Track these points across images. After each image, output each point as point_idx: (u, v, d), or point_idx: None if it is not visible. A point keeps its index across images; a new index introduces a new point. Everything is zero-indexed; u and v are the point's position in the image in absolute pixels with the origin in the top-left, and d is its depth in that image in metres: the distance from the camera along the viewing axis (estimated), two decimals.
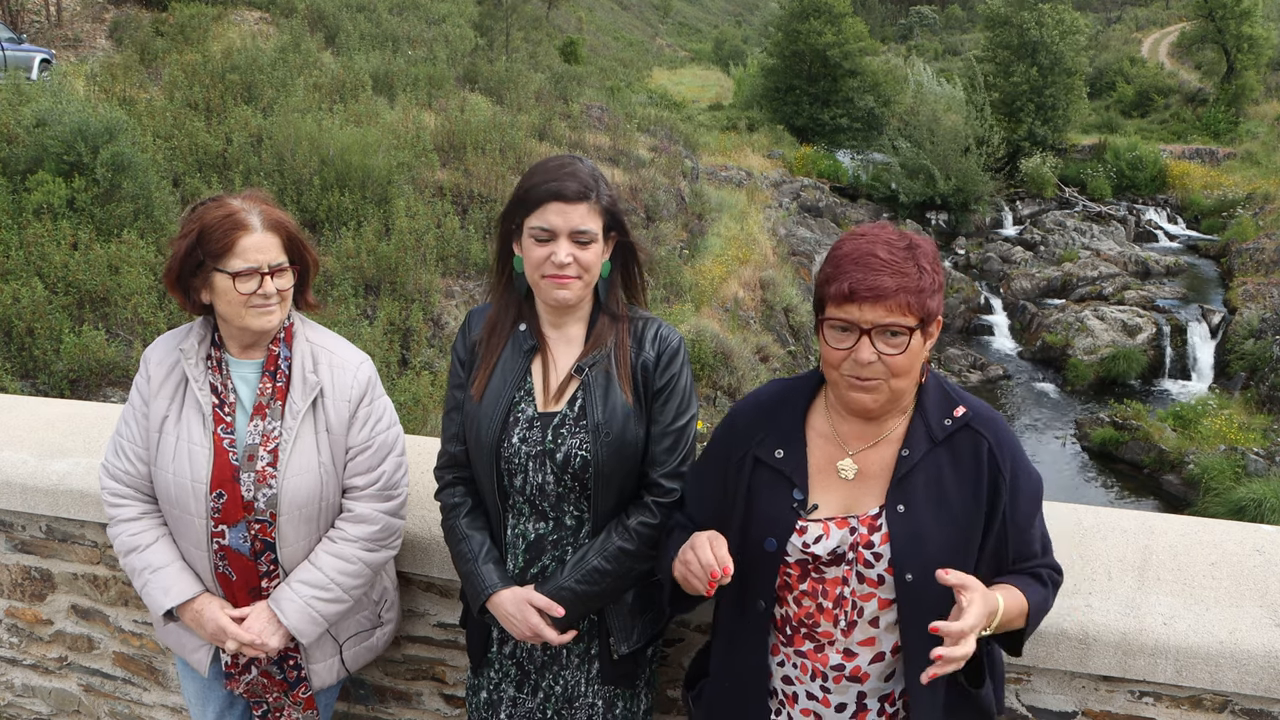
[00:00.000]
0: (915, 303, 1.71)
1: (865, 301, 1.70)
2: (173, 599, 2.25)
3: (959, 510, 1.78)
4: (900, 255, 1.73)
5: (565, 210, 2.03)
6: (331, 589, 2.26)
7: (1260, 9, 35.73)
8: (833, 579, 1.82)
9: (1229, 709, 2.13)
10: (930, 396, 1.85)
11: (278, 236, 2.18)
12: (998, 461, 1.80)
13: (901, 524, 1.77)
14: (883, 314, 1.70)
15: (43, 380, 10.58)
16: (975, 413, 1.85)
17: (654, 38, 67.97)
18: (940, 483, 1.79)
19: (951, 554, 1.76)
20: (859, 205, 29.97)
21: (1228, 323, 20.75)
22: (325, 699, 2.50)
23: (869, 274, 1.71)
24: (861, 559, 1.79)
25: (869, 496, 1.82)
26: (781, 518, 1.83)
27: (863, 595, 1.81)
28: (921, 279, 1.72)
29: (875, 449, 1.84)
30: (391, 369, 12.37)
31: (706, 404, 14.78)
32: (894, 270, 1.71)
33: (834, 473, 1.85)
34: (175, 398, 2.27)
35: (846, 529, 1.80)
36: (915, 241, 1.78)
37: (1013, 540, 1.82)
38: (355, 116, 18.21)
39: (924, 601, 1.75)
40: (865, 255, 1.73)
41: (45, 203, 12.29)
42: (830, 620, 1.83)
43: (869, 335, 1.72)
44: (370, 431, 2.29)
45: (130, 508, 2.32)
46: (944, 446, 1.81)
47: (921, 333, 1.74)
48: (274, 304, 2.19)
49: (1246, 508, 13.67)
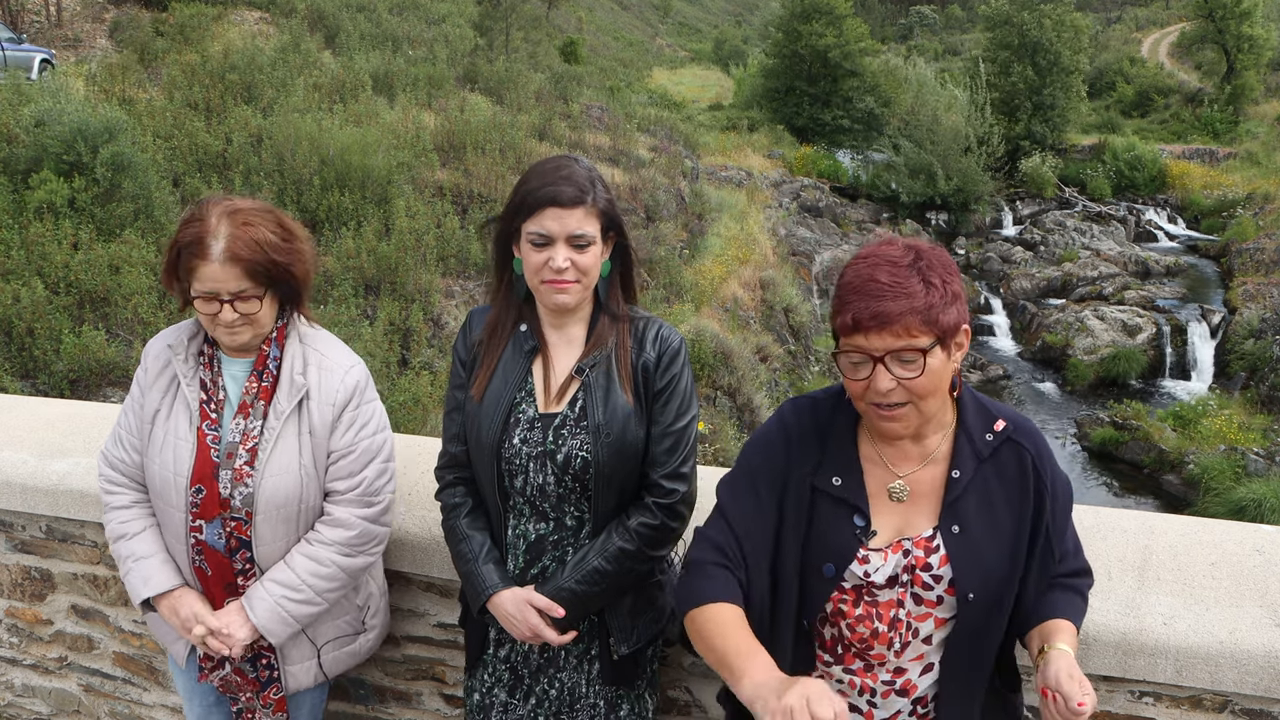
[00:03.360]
0: (925, 321, 1.65)
1: (871, 330, 1.66)
2: (151, 589, 2.28)
3: (1009, 525, 1.78)
4: (904, 274, 1.67)
5: (561, 215, 2.02)
6: (303, 590, 2.26)
7: (1260, 9, 35.75)
8: (886, 602, 1.80)
9: (1229, 709, 2.13)
10: (969, 411, 1.83)
11: (237, 267, 2.12)
12: (1040, 473, 1.80)
13: (959, 545, 1.77)
14: (891, 340, 1.66)
15: (43, 380, 10.58)
16: (1014, 424, 1.83)
17: (654, 38, 67.97)
18: (990, 499, 1.79)
19: (1007, 567, 1.77)
20: (859, 205, 29.95)
21: (1228, 323, 20.76)
22: (309, 701, 2.50)
23: (871, 301, 1.66)
24: (919, 581, 1.78)
25: (920, 518, 1.81)
26: (843, 544, 1.80)
27: (919, 616, 1.80)
28: (930, 295, 1.66)
29: (924, 469, 1.82)
30: (391, 369, 12.36)
31: (706, 404, 14.78)
32: (897, 293, 1.66)
33: (885, 496, 1.83)
34: (168, 392, 2.29)
35: (900, 553, 1.79)
36: (922, 254, 1.71)
37: (1055, 544, 1.83)
38: (355, 116, 18.21)
39: (979, 616, 1.78)
40: (866, 282, 1.68)
41: (46, 202, 12.29)
42: (884, 643, 1.81)
43: (882, 362, 1.67)
44: (354, 436, 2.29)
45: (123, 496, 2.35)
46: (990, 462, 1.80)
47: (942, 348, 1.69)
48: (239, 326, 2.19)
49: (1246, 508, 13.68)
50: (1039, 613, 1.83)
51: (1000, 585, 1.78)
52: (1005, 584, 1.78)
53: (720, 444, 13.73)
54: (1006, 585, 1.78)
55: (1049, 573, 1.84)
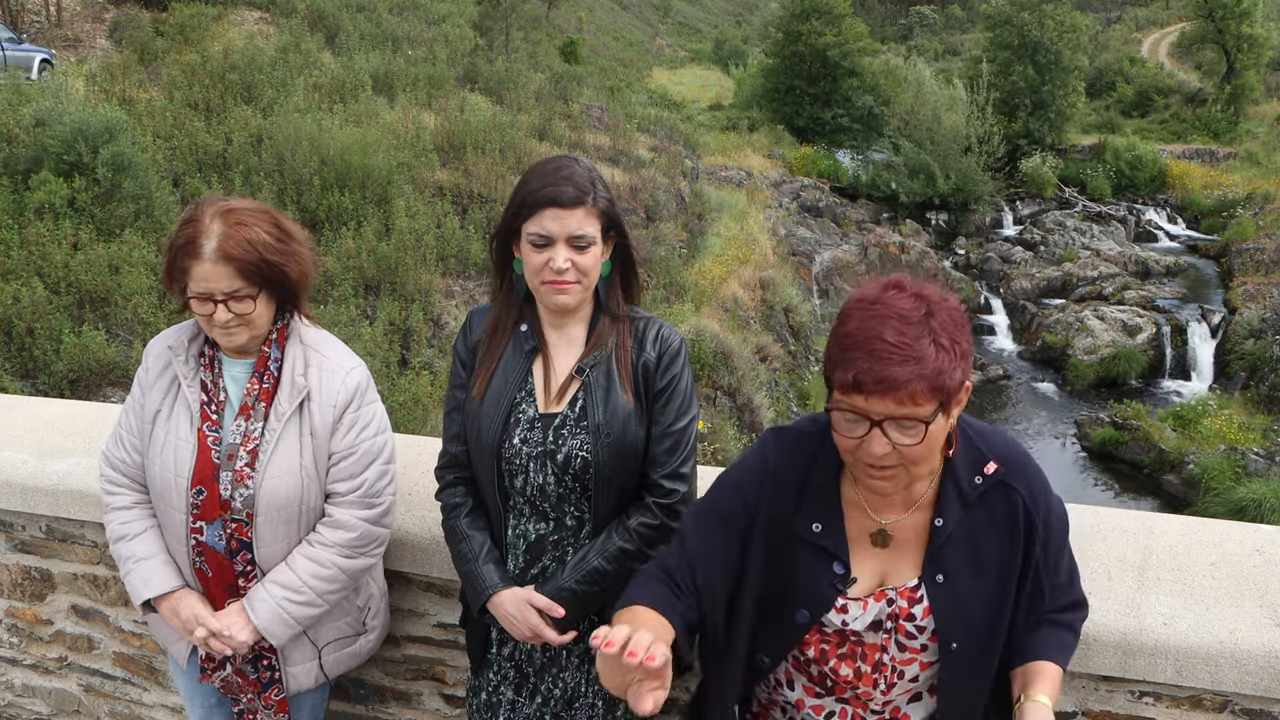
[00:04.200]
0: (931, 388, 1.53)
1: (873, 395, 1.53)
2: (151, 590, 2.28)
3: (996, 570, 1.73)
4: (913, 334, 1.54)
5: (562, 216, 2.02)
6: (304, 592, 2.26)
7: (1260, 9, 35.75)
8: (871, 644, 1.77)
9: (1229, 709, 2.14)
10: (959, 453, 1.73)
11: (229, 267, 2.12)
12: (1031, 515, 1.73)
13: (942, 594, 1.72)
14: (893, 406, 1.53)
15: (43, 380, 10.58)
16: (1005, 465, 1.75)
17: (654, 38, 67.97)
18: (975, 546, 1.73)
19: (992, 613, 1.74)
20: (859, 205, 29.95)
21: (1228, 323, 20.76)
22: (309, 702, 2.50)
23: (876, 363, 1.53)
24: (902, 630, 1.75)
25: (904, 566, 1.75)
26: (819, 592, 1.74)
27: (903, 661, 1.78)
28: (939, 359, 1.53)
29: (909, 516, 1.75)
30: (391, 369, 12.36)
31: (706, 404, 14.77)
32: (905, 357, 1.52)
33: (867, 541, 1.77)
34: (169, 393, 2.29)
35: (884, 601, 1.75)
36: (933, 308, 1.58)
37: (1046, 581, 1.78)
38: (355, 116, 18.20)
39: (964, 663, 1.75)
40: (872, 339, 1.54)
41: (46, 202, 12.29)
42: (870, 684, 1.79)
43: (880, 427, 1.56)
44: (355, 438, 2.29)
45: (124, 496, 2.35)
46: (978, 507, 1.72)
47: (944, 412, 1.57)
48: (234, 327, 2.18)
49: (1246, 508, 13.68)
50: (1024, 651, 1.79)
51: (987, 631, 1.74)
52: (992, 630, 1.74)
53: (720, 444, 13.72)
54: (994, 631, 1.75)
55: (1038, 610, 1.80)
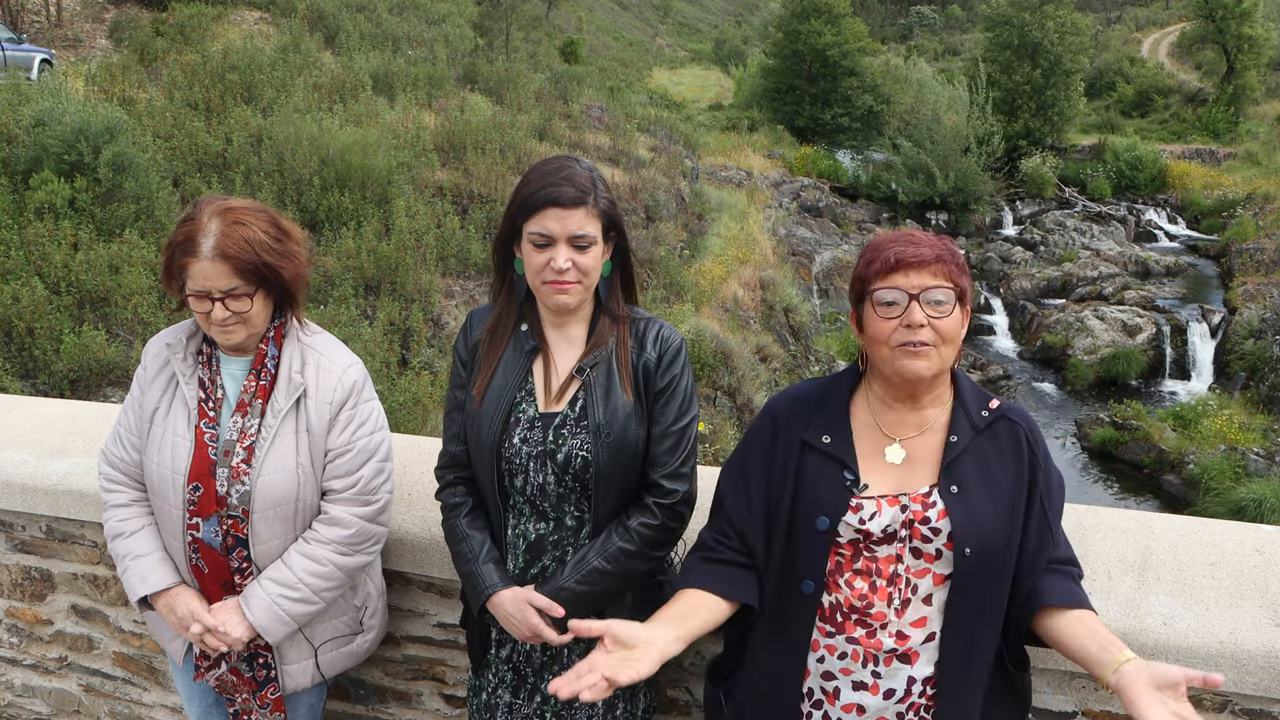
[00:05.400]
0: (951, 276, 1.83)
1: (911, 268, 1.82)
2: (148, 587, 2.28)
3: (1006, 490, 1.87)
4: (930, 237, 1.89)
5: (563, 216, 2.03)
6: (300, 589, 2.26)
7: (1260, 9, 35.75)
8: (885, 557, 1.86)
9: (1229, 709, 2.14)
10: (965, 388, 1.95)
11: (226, 265, 2.13)
12: (1034, 448, 1.91)
13: (956, 502, 1.84)
14: (928, 278, 1.82)
15: (43, 380, 10.58)
16: (1008, 405, 1.96)
17: (654, 38, 67.97)
18: (987, 465, 1.88)
19: (1004, 528, 1.84)
20: (859, 205, 29.97)
21: (1228, 323, 20.75)
22: (306, 702, 2.50)
23: (910, 245, 1.85)
24: (918, 534, 1.85)
25: (919, 478, 1.89)
26: (834, 497, 1.88)
27: (917, 571, 1.85)
28: (955, 256, 1.86)
29: (921, 437, 1.91)
30: (391, 369, 12.36)
31: (706, 404, 14.77)
32: (932, 243, 1.86)
33: (881, 457, 1.91)
34: (167, 390, 2.30)
35: (898, 507, 1.86)
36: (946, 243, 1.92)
37: (1053, 522, 1.90)
38: (355, 116, 18.20)
39: (977, 575, 1.83)
40: (901, 235, 1.89)
41: (46, 203, 12.29)
42: (884, 599, 1.85)
43: (917, 300, 1.81)
44: (351, 435, 2.29)
45: (122, 494, 2.36)
46: (986, 434, 1.91)
47: (960, 307, 1.85)
48: (232, 325, 2.19)
49: (1246, 508, 13.68)
50: (1043, 592, 1.86)
51: (998, 544, 1.83)
52: (1003, 545, 1.84)
53: (720, 444, 13.72)
54: (1004, 547, 1.84)
55: (1047, 549, 1.89)
